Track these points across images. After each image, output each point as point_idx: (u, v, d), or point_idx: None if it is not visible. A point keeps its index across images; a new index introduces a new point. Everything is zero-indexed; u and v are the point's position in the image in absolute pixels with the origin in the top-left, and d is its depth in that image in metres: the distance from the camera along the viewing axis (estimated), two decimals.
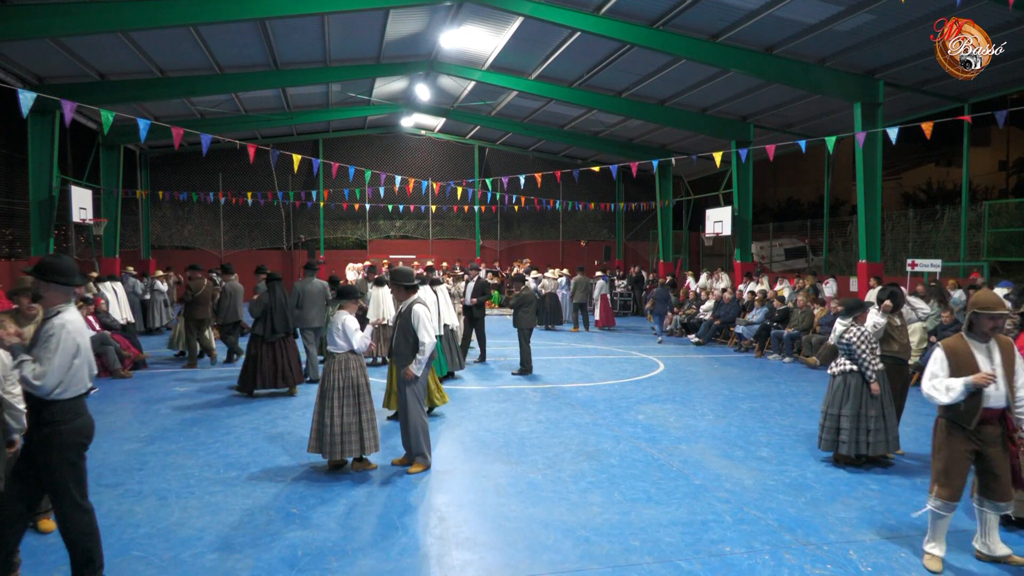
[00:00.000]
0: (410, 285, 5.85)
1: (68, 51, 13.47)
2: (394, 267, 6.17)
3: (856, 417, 5.76)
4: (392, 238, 26.82)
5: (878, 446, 5.76)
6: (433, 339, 5.65)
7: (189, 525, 4.60)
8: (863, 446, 5.76)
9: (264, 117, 20.86)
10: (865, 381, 5.77)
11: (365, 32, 15.05)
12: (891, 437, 5.81)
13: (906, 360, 6.36)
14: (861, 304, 5.99)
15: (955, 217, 16.93)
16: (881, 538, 4.48)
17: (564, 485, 5.43)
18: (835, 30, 12.09)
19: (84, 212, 16.85)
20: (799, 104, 16.96)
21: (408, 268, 6.27)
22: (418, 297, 5.92)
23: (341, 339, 5.64)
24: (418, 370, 5.61)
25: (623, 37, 13.11)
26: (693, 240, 27.19)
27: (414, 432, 5.71)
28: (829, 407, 5.93)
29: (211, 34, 13.75)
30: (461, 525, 4.65)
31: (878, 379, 5.77)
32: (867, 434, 5.74)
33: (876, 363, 5.83)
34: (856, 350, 5.80)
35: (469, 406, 8.26)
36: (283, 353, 8.68)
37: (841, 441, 5.81)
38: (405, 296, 5.84)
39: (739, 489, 5.38)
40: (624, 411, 8.06)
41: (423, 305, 5.78)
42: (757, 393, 9.24)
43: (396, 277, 5.90)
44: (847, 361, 5.88)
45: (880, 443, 5.76)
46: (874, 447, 5.75)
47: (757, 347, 12.89)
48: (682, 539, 4.43)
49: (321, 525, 4.61)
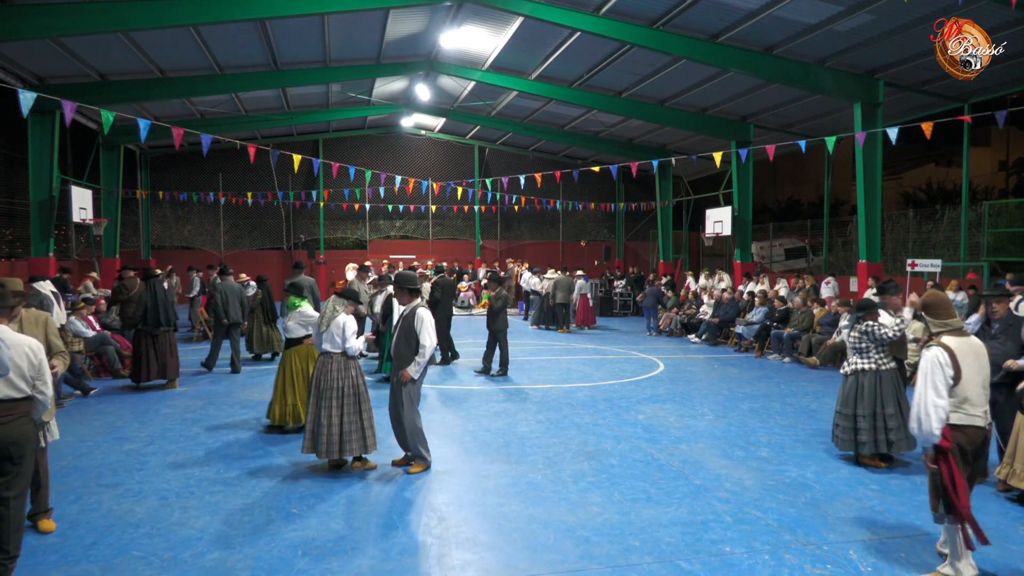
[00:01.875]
0: (414, 289, 5.87)
1: (68, 51, 13.46)
2: (397, 270, 6.26)
3: (873, 416, 5.75)
4: (392, 238, 26.81)
5: (900, 444, 5.75)
6: (434, 342, 5.66)
7: (189, 525, 4.60)
8: (883, 445, 5.75)
9: (264, 117, 20.85)
10: (880, 379, 5.76)
11: (365, 32, 15.04)
12: (910, 434, 5.74)
13: (903, 359, 6.37)
14: (872, 304, 5.98)
15: (955, 217, 16.93)
16: (881, 538, 4.48)
17: (564, 485, 5.43)
18: (835, 30, 12.08)
19: (84, 212, 16.84)
20: (799, 104, 16.96)
21: (411, 272, 6.34)
22: (421, 301, 5.95)
23: (340, 339, 5.65)
24: (416, 372, 5.61)
25: (623, 37, 13.11)
26: (693, 240, 27.19)
27: (411, 433, 5.72)
28: (843, 406, 5.92)
29: (211, 34, 13.75)
30: (461, 525, 4.65)
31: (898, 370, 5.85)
32: (886, 432, 5.73)
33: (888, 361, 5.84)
34: (877, 337, 5.79)
35: (469, 406, 8.26)
36: (164, 347, 9.03)
37: (860, 441, 5.80)
38: (409, 300, 5.86)
39: (739, 489, 5.38)
40: (624, 411, 8.06)
41: (426, 308, 5.81)
42: (757, 393, 9.24)
43: (400, 281, 5.93)
44: (859, 360, 5.88)
45: (902, 441, 5.74)
46: (896, 445, 5.75)
47: (757, 347, 12.89)
48: (682, 539, 4.43)
49: (321, 525, 4.61)
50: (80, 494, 5.17)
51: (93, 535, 4.42)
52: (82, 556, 4.12)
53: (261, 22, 13.24)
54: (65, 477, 5.54)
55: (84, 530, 4.50)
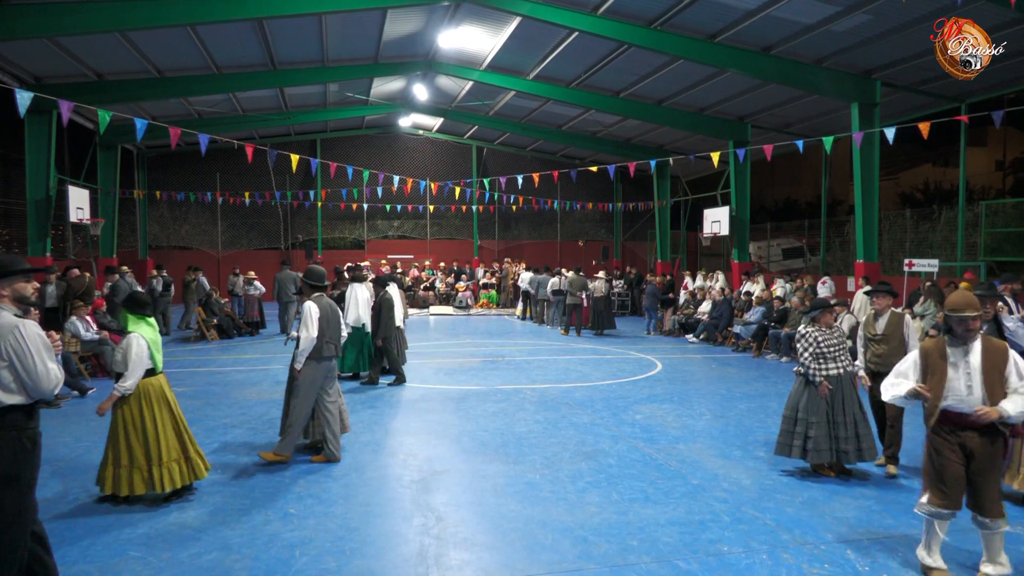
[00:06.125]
0: (314, 285, 6.15)
1: (65, 51, 13.43)
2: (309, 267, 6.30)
3: (828, 424, 5.49)
4: (390, 238, 26.80)
5: (849, 455, 5.49)
6: (309, 335, 5.80)
7: (187, 525, 4.59)
8: (832, 454, 5.49)
9: (262, 117, 20.83)
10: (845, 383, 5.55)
11: (363, 32, 15.03)
12: (865, 445, 5.53)
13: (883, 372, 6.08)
14: (823, 304, 5.77)
15: (952, 217, 16.96)
16: (878, 538, 4.49)
17: (562, 485, 5.43)
18: (832, 30, 12.10)
19: (81, 212, 16.80)
20: (797, 104, 16.98)
21: (319, 268, 6.35)
22: (319, 296, 6.12)
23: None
24: (298, 364, 5.88)
25: (621, 37, 13.12)
26: (691, 240, 27.18)
27: (291, 420, 5.99)
28: (792, 410, 5.64)
29: (209, 34, 13.73)
30: (459, 525, 4.65)
31: (826, 382, 5.49)
32: (838, 442, 5.47)
33: (825, 368, 5.52)
34: (800, 352, 5.61)
35: (466, 406, 8.26)
36: None
37: (810, 449, 5.50)
38: (310, 293, 6.12)
39: (737, 489, 5.39)
40: (622, 411, 8.07)
41: (312, 302, 5.97)
42: (755, 393, 9.25)
43: (305, 275, 6.24)
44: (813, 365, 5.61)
45: (852, 452, 5.48)
46: (851, 455, 5.49)
47: (755, 347, 12.91)
48: (680, 539, 4.43)
49: (319, 526, 4.61)
50: (77, 495, 5.16)
51: (90, 536, 4.41)
52: (79, 557, 4.11)
53: (258, 22, 13.22)
54: (62, 477, 5.54)
55: (80, 531, 4.49)
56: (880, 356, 5.80)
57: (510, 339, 15.24)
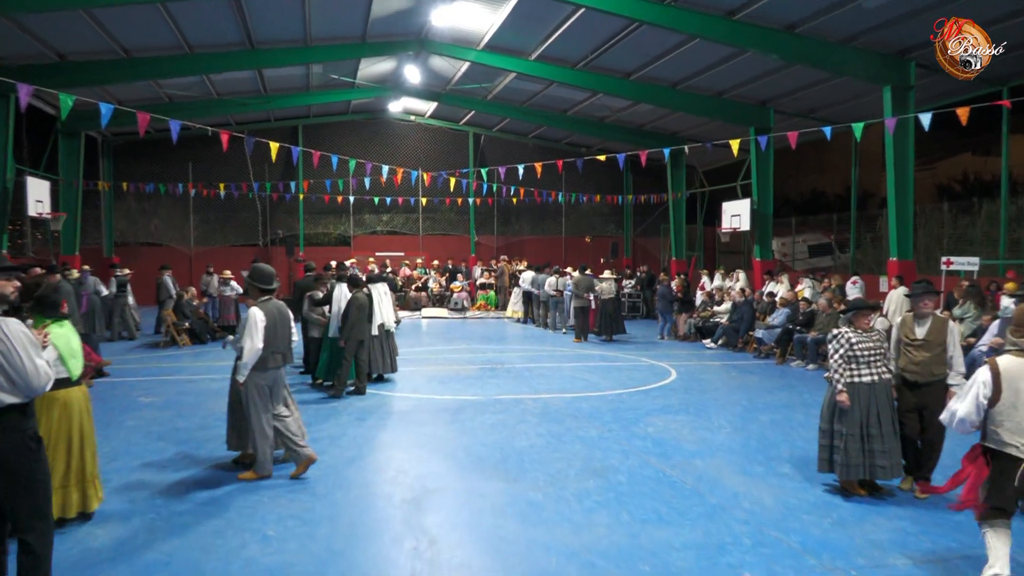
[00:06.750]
0: (263, 288, 6.02)
1: (24, 29, 13.43)
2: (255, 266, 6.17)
3: (861, 438, 5.44)
4: (379, 233, 26.83)
5: (886, 471, 5.45)
6: (254, 346, 5.70)
7: (156, 549, 4.58)
8: (865, 470, 5.46)
9: (238, 101, 20.83)
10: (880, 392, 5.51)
11: (349, 8, 15.04)
12: (894, 462, 5.50)
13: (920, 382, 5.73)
14: (863, 304, 5.78)
15: (994, 211, 16.96)
16: (915, 562, 4.48)
17: (567, 504, 5.43)
18: (863, 6, 12.09)
19: (41, 205, 16.81)
20: (823, 87, 16.98)
21: (267, 268, 6.19)
22: (267, 299, 6.02)
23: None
24: (240, 377, 5.81)
25: (632, 14, 13.12)
26: (708, 236, 27.21)
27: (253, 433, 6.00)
28: (827, 422, 5.64)
29: (180, 10, 13.73)
30: (454, 548, 4.64)
31: (846, 391, 5.47)
32: (872, 456, 5.43)
33: (857, 373, 5.50)
34: (831, 354, 5.63)
35: (463, 418, 8.25)
36: None
37: (840, 463, 5.48)
38: (256, 296, 6.03)
39: (759, 509, 5.38)
40: (633, 423, 8.07)
41: (258, 309, 5.86)
42: (779, 403, 9.25)
43: (251, 277, 6.10)
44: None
45: (889, 468, 5.45)
46: (888, 471, 5.45)
47: (779, 353, 12.90)
48: (696, 563, 4.42)
49: (301, 549, 4.60)
50: None
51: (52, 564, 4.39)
52: None
53: None
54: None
55: None
56: (918, 364, 5.69)
57: (510, 344, 15.25)
